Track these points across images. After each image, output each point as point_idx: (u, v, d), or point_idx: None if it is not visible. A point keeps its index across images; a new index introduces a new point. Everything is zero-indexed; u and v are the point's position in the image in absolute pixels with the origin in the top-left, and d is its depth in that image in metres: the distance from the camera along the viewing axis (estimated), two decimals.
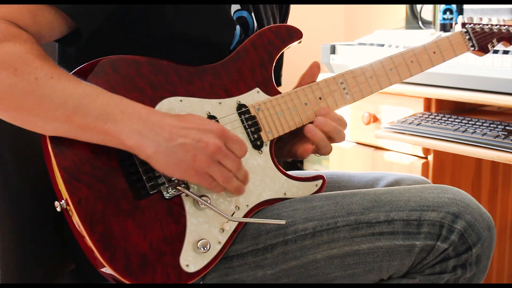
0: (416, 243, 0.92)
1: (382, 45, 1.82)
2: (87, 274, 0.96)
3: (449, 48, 1.16)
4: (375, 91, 1.08)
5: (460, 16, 1.27)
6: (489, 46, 1.23)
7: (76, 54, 0.93)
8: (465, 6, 1.90)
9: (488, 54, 1.54)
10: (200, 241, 0.90)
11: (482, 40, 1.21)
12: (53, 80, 0.80)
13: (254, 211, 0.96)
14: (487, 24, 1.23)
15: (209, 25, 0.97)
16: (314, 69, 1.06)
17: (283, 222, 0.93)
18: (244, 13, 1.05)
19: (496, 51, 1.54)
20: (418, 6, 2.18)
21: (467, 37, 1.19)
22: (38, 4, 0.83)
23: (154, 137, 0.82)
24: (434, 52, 1.14)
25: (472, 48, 1.20)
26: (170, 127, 0.84)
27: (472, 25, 1.22)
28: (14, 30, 0.81)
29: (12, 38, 0.80)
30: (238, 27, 1.02)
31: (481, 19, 1.24)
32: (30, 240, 0.98)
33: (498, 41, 1.24)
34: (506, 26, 1.23)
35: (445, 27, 1.91)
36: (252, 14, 1.06)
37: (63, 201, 0.84)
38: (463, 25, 1.23)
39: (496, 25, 1.23)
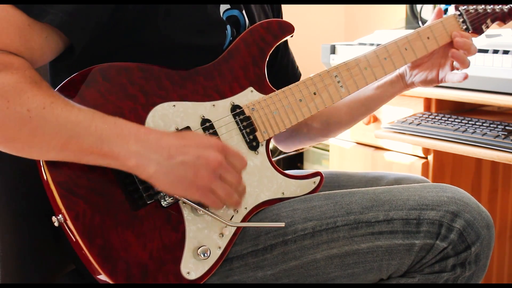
0: (416, 242, 0.92)
1: None
2: (87, 275, 0.95)
3: (443, 33, 1.14)
4: (370, 82, 1.08)
5: (452, 6, 1.25)
6: (483, 27, 1.21)
7: (67, 65, 0.92)
8: None
9: (488, 54, 1.54)
10: (200, 248, 0.89)
11: (476, 21, 1.19)
12: (46, 111, 0.79)
13: (253, 213, 0.96)
14: (481, 5, 1.20)
15: (199, 29, 0.96)
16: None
17: (282, 224, 0.93)
18: (235, 12, 1.04)
19: (496, 51, 1.54)
20: (418, 6, 2.18)
21: (461, 19, 1.17)
22: (29, 25, 0.81)
23: (153, 156, 0.82)
24: (428, 38, 1.13)
25: (467, 31, 1.18)
26: (169, 146, 0.83)
27: (465, 7, 1.20)
28: (5, 59, 0.79)
29: (4, 68, 0.78)
30: (228, 26, 1.01)
31: None
32: (30, 240, 0.98)
33: (493, 21, 1.21)
34: (500, 6, 1.21)
35: None
36: (243, 12, 1.05)
37: (60, 215, 0.83)
38: (456, 7, 1.20)
39: (490, 5, 1.21)
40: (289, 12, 1.24)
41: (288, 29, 1.03)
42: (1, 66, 0.78)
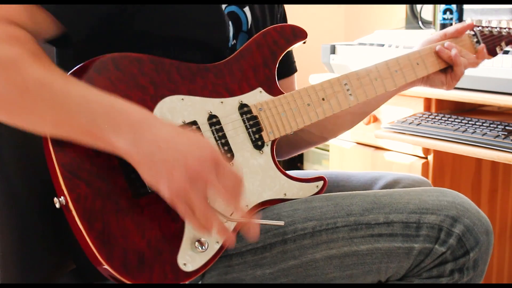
0: (415, 245, 0.92)
1: (382, 45, 1.82)
2: (87, 274, 0.96)
3: None
4: (379, 93, 1.08)
5: (469, 18, 1.26)
6: (497, 49, 1.22)
7: (74, 54, 0.93)
8: (465, 6, 1.90)
9: None
10: (198, 241, 0.89)
11: (491, 43, 1.20)
12: (43, 87, 0.79)
13: (254, 211, 0.96)
14: (496, 27, 1.21)
15: (203, 23, 0.96)
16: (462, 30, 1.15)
17: (281, 223, 0.93)
18: (233, 8, 1.05)
19: None
20: (418, 6, 2.18)
21: (475, 40, 1.18)
22: (35, 6, 0.83)
23: (139, 145, 0.81)
24: None
25: None
26: (161, 139, 0.81)
27: (480, 27, 1.21)
28: (12, 30, 0.81)
29: (9, 39, 0.79)
30: (230, 22, 1.01)
31: (489, 21, 1.23)
32: (30, 240, 0.98)
33: (507, 44, 1.22)
34: None
35: (445, 27, 1.90)
36: (245, 9, 1.06)
37: (62, 197, 0.84)
38: (471, 27, 1.21)
39: (505, 28, 1.22)
40: (289, 12, 1.24)
41: (301, 35, 1.04)
42: (6, 37, 0.79)
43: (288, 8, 1.24)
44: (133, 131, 0.81)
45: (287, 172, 1.01)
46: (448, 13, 1.91)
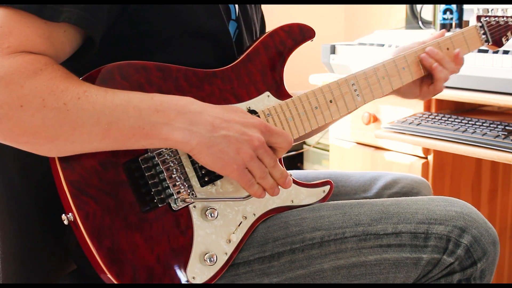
0: (423, 256, 0.92)
1: (382, 45, 1.82)
2: (89, 274, 0.95)
3: (463, 44, 1.14)
4: (386, 92, 1.07)
5: (476, 7, 1.25)
6: (503, 39, 1.20)
7: (72, 66, 0.90)
8: (465, 6, 1.90)
9: (488, 54, 1.54)
10: (207, 254, 0.89)
11: (497, 34, 1.19)
12: (81, 101, 0.77)
13: (261, 219, 0.96)
14: (503, 17, 1.20)
15: (203, 13, 0.94)
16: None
17: (242, 198, 0.92)
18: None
19: (496, 51, 1.54)
20: (418, 6, 2.18)
21: (482, 31, 1.17)
22: (46, 23, 0.79)
23: (195, 129, 0.82)
24: (448, 49, 1.13)
25: (487, 43, 1.18)
26: (212, 118, 0.83)
27: (487, 18, 1.20)
28: (31, 58, 0.77)
29: (32, 68, 0.76)
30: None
31: (496, 10, 1.22)
32: (31, 240, 0.98)
33: None
34: None
35: (445, 27, 1.91)
36: (236, 6, 1.04)
37: (70, 214, 0.83)
38: (478, 18, 1.20)
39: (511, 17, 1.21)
40: (289, 12, 1.24)
41: (309, 34, 1.02)
42: (29, 66, 0.76)
43: (289, 8, 1.24)
44: (183, 118, 0.82)
45: (292, 176, 1.01)
46: (448, 13, 1.91)
